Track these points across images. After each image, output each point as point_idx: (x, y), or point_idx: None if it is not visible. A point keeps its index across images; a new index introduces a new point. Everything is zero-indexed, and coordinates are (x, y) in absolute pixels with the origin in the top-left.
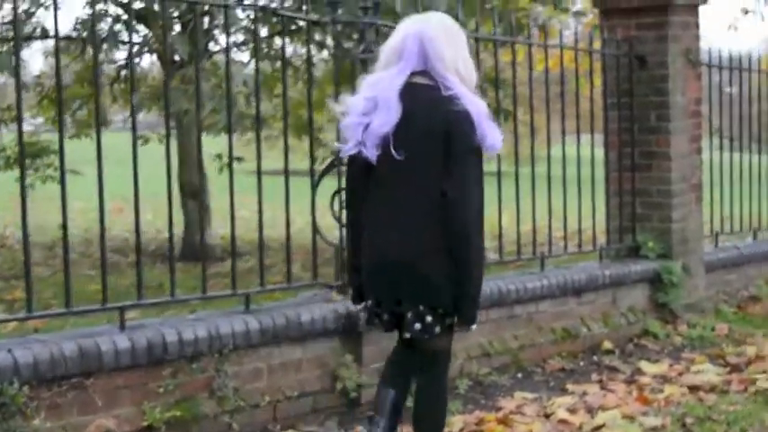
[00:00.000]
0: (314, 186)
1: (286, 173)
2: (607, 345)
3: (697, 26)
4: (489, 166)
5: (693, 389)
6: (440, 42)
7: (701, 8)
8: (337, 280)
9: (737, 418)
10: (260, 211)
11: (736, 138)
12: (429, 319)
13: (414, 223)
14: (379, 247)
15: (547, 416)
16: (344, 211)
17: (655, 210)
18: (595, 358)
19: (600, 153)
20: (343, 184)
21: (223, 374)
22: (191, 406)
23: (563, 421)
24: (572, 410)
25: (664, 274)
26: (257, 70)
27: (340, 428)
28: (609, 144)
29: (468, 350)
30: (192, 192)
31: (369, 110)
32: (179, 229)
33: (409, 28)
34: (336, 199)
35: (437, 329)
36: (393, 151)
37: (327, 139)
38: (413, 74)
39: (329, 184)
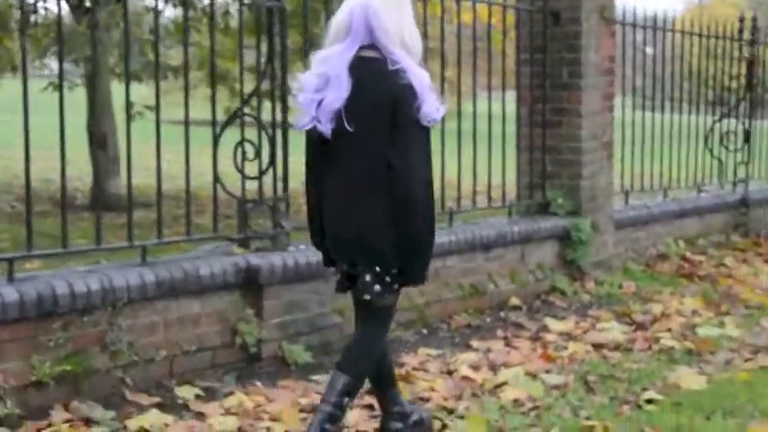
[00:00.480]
0: (216, 137)
1: (186, 123)
2: (514, 301)
3: None
4: None
5: (598, 346)
6: (383, 15)
7: None
8: (240, 233)
9: (640, 376)
10: (158, 160)
11: (650, 97)
12: (388, 279)
13: (364, 195)
14: (335, 218)
15: (450, 372)
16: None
17: (565, 167)
18: (502, 315)
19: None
20: (247, 135)
21: (117, 328)
22: (82, 360)
23: (466, 378)
24: (475, 367)
25: (573, 231)
26: (156, 16)
27: (238, 384)
28: (521, 100)
29: None
30: (101, 141)
31: (321, 86)
32: (90, 179)
33: (355, 1)
34: (239, 150)
35: (395, 287)
36: (346, 124)
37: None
38: (361, 48)
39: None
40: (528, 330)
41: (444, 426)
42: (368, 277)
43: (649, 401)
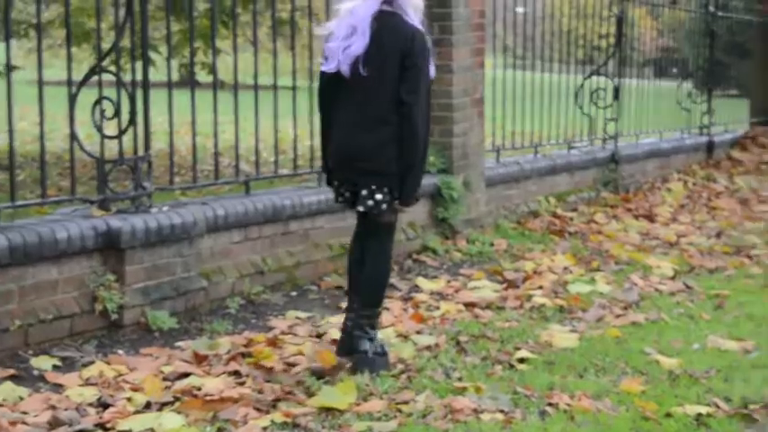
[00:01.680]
0: (72, 96)
1: (40, 82)
2: None
3: None
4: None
5: (470, 306)
6: None
7: None
8: (99, 194)
9: (512, 335)
10: (10, 120)
11: (522, 57)
12: (379, 196)
13: (373, 124)
14: (344, 139)
15: (319, 336)
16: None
17: (436, 124)
18: None
19: None
20: (105, 94)
21: None
22: None
23: (335, 341)
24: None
25: (444, 189)
26: None
27: (99, 353)
28: None
29: (240, 268)
30: None
31: (348, 35)
32: None
33: None
34: (97, 109)
35: (384, 206)
36: (361, 69)
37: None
38: (382, 2)
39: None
40: (399, 291)
41: (313, 392)
42: (364, 192)
43: (522, 360)
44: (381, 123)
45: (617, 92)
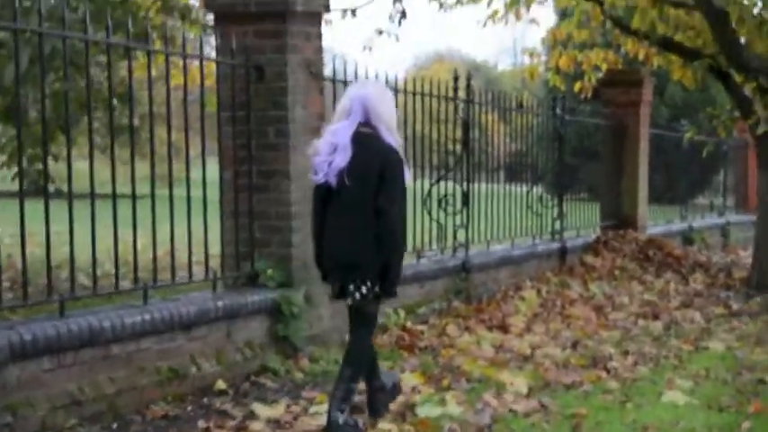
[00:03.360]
0: None
1: None
2: (221, 384)
3: (319, 37)
4: (104, 188)
5: None
6: (377, 103)
7: (341, 28)
8: None
9: None
10: None
11: None
12: (364, 290)
13: (358, 228)
14: (335, 241)
15: None
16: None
17: (274, 233)
18: (206, 401)
19: None
20: None
21: None
22: None
23: None
24: None
25: (284, 305)
26: None
27: None
28: (224, 162)
29: (53, 399)
30: None
31: (331, 151)
32: None
33: (354, 93)
34: None
35: (369, 297)
36: (346, 180)
37: None
38: (359, 124)
39: None
40: (233, 419)
41: None
42: (351, 287)
43: None
44: (364, 227)
45: (466, 197)
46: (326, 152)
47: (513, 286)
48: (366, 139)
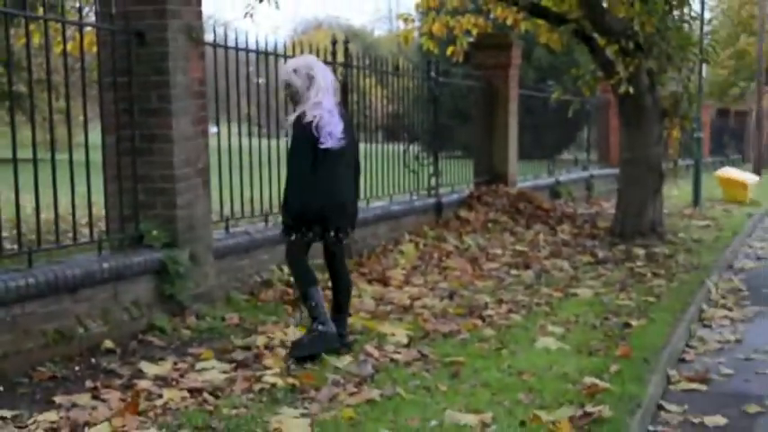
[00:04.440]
0: None
1: None
2: (108, 344)
3: (198, 2)
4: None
5: (196, 391)
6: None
7: None
8: None
9: (239, 424)
10: None
11: (257, 124)
12: (349, 230)
13: (352, 182)
14: (345, 197)
15: None
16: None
17: (158, 196)
18: (93, 361)
19: None
20: None
21: None
22: None
23: None
24: (54, 430)
25: (170, 264)
26: None
27: None
28: (106, 127)
29: None
30: None
31: (331, 122)
32: None
33: (326, 71)
34: None
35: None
36: (344, 143)
37: None
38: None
39: None
40: (120, 377)
41: None
42: (349, 229)
43: None
44: (353, 181)
45: None
46: (330, 123)
47: (393, 241)
48: (340, 109)
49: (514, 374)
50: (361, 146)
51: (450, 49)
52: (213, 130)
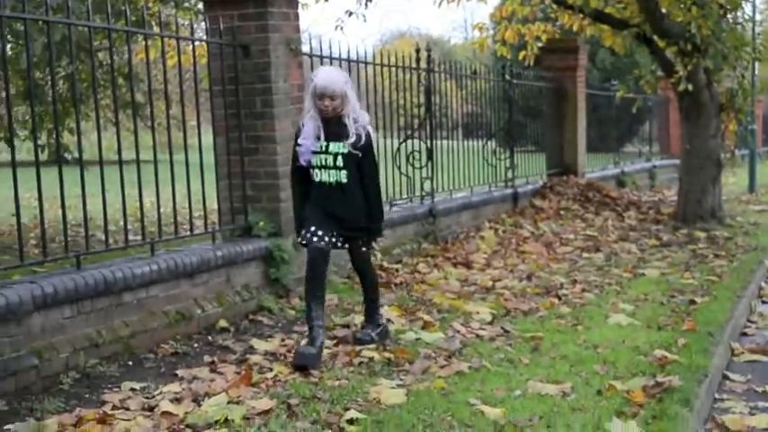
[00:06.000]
0: None
1: None
2: (222, 323)
3: (297, 17)
4: (112, 156)
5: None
6: None
7: (315, 10)
8: None
9: (342, 394)
10: None
11: None
12: None
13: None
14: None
15: (151, 408)
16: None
17: (264, 191)
18: (210, 338)
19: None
20: None
21: None
22: None
23: (166, 413)
24: (177, 399)
25: (275, 252)
26: None
27: None
28: (216, 130)
29: (74, 343)
30: None
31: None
32: None
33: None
34: None
35: None
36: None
37: None
38: None
39: None
40: (234, 353)
41: None
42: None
43: (351, 422)
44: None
45: (430, 153)
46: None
47: (474, 228)
48: None
49: (590, 348)
50: (444, 143)
51: (521, 54)
52: None
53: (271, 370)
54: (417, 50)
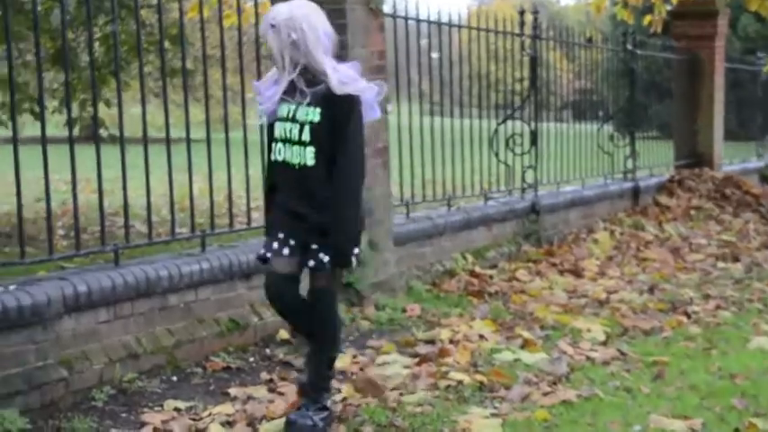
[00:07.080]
0: None
1: None
2: (283, 334)
3: None
4: (157, 133)
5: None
6: None
7: None
8: None
9: (424, 422)
10: None
11: (438, 102)
12: None
13: None
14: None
15: None
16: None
17: None
18: (268, 351)
19: None
20: None
21: None
22: None
23: None
24: (229, 423)
25: None
26: None
27: None
28: None
29: (110, 352)
30: None
31: None
32: None
33: None
34: None
35: None
36: None
37: None
38: None
39: None
40: (297, 370)
41: None
42: None
43: None
44: None
45: (534, 137)
46: None
47: (585, 228)
48: None
49: (726, 377)
50: (550, 126)
51: (646, 19)
52: (389, 107)
53: (339, 391)
54: (521, 13)
